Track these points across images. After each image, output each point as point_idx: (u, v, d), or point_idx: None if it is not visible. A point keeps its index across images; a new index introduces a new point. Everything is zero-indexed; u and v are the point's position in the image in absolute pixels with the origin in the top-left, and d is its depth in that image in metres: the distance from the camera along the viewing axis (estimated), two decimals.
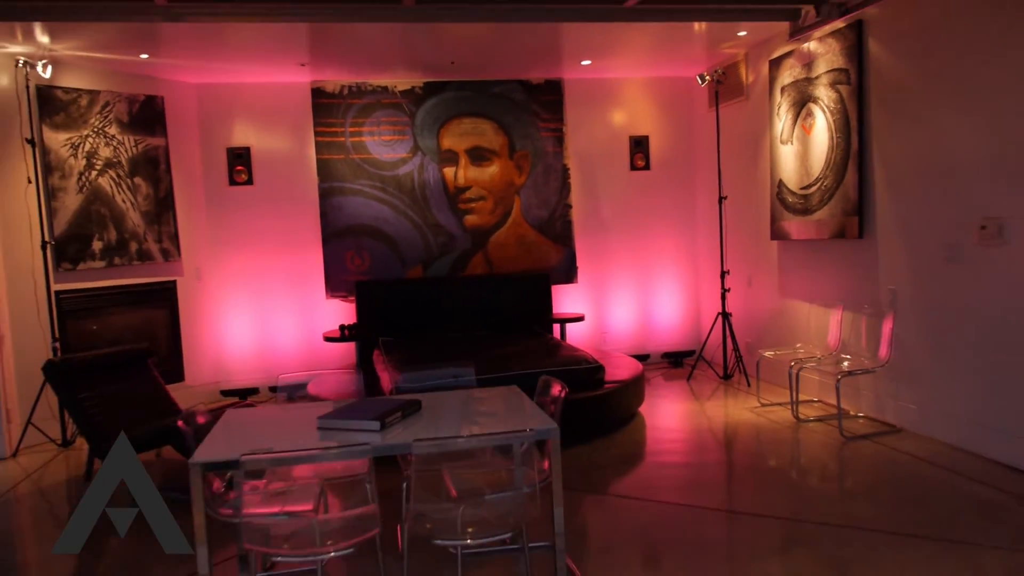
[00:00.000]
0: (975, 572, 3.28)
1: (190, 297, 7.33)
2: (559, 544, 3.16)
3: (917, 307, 5.27)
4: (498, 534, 2.99)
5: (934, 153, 5.05)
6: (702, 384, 7.40)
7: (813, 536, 3.82)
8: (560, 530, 3.16)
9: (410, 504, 3.00)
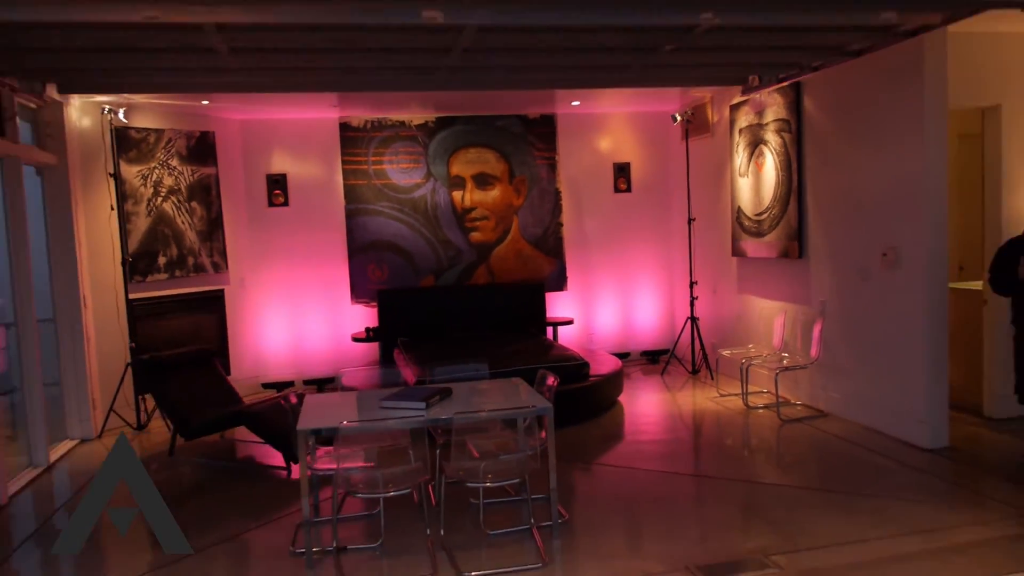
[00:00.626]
0: (869, 514, 4.55)
1: (235, 303, 8.55)
2: (553, 496, 4.41)
3: (840, 315, 6.55)
4: (509, 480, 4.25)
5: (850, 192, 6.32)
6: (674, 377, 8.68)
7: (755, 492, 5.10)
8: (554, 485, 4.41)
9: (451, 459, 4.26)
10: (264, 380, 8.74)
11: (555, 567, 4.08)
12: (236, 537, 4.77)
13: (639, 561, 4.12)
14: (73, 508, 5.39)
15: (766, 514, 4.74)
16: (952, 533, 4.20)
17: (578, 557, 4.19)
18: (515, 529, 4.51)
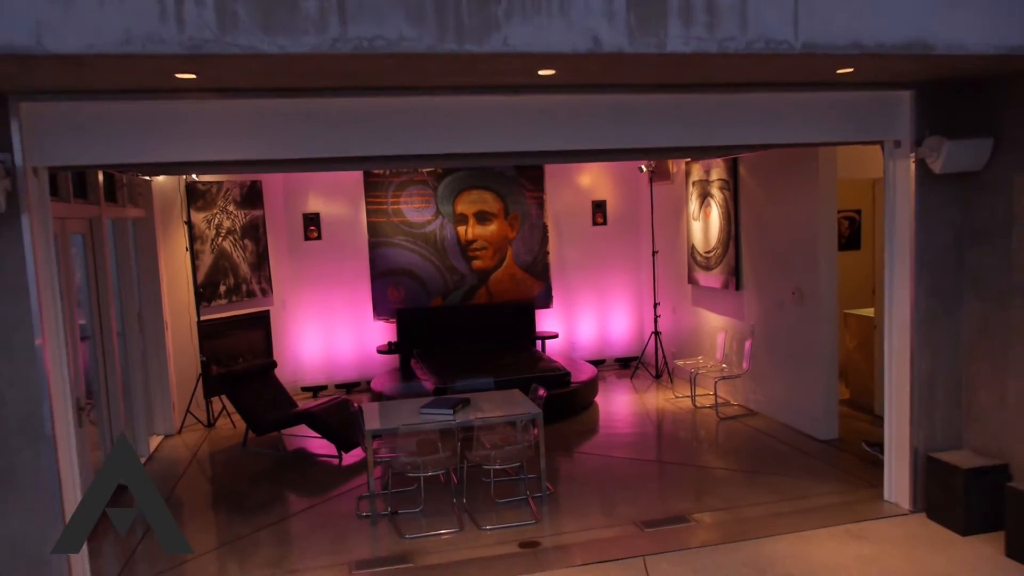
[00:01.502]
0: (766, 486, 6.42)
1: (278, 321, 10.33)
2: (542, 475, 6.26)
3: (765, 335, 8.43)
4: (511, 464, 6.10)
5: (770, 241, 8.19)
6: (641, 381, 10.55)
7: (692, 472, 6.98)
8: (543, 467, 6.26)
9: (471, 450, 6.10)
10: (302, 384, 10.52)
11: (544, 524, 5.93)
12: (311, 508, 6.59)
13: (602, 519, 5.98)
14: (182, 489, 7.20)
15: (697, 487, 6.62)
16: (816, 498, 6.09)
17: (560, 517, 6.05)
18: (516, 498, 6.35)
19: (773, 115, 5.28)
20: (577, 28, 3.71)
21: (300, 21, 3.43)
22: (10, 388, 4.26)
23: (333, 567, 5.34)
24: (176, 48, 3.35)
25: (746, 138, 5.46)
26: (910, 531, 5.44)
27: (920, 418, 5.68)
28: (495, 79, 4.39)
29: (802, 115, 5.34)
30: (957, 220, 5.56)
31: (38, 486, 4.40)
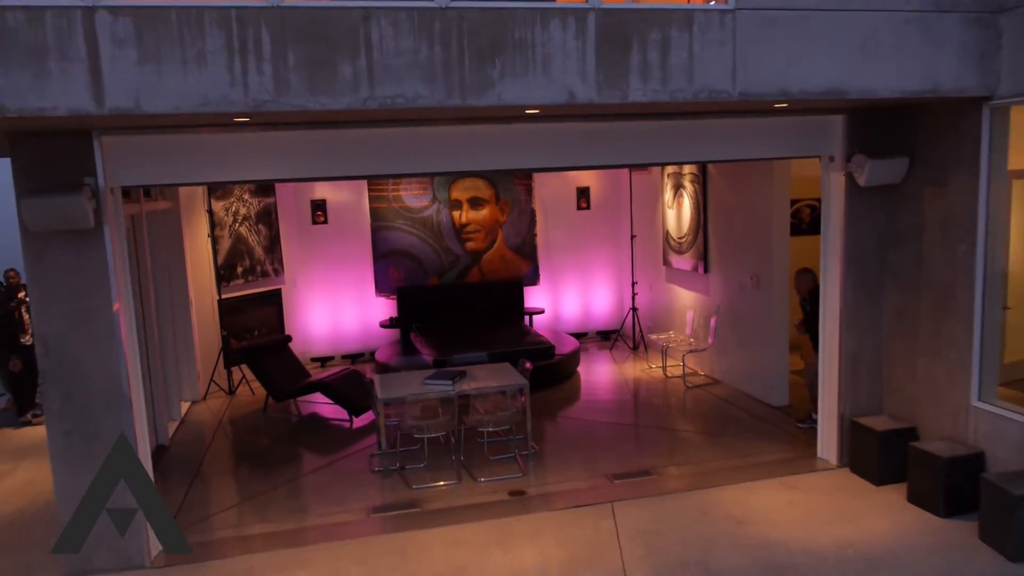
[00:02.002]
0: (722, 446, 7.51)
1: (289, 298, 11.30)
2: (528, 436, 7.33)
3: (728, 313, 9.48)
4: (502, 427, 7.17)
5: (733, 231, 9.21)
6: (620, 353, 11.62)
7: (660, 434, 8.06)
8: (529, 429, 7.33)
9: (469, 415, 7.16)
10: (311, 355, 11.53)
11: (529, 476, 7.01)
12: (329, 464, 7.65)
13: (579, 472, 7.06)
14: (215, 449, 8.24)
15: (662, 446, 7.70)
16: (761, 456, 7.19)
17: (543, 471, 7.13)
18: (506, 456, 7.42)
19: (727, 137, 6.24)
20: (557, 85, 4.67)
21: (338, 85, 4.39)
22: (98, 367, 5.25)
23: (354, 512, 6.41)
24: (242, 107, 4.30)
25: (704, 156, 6.46)
26: (834, 482, 6.56)
27: (847, 389, 6.76)
28: (492, 115, 5.34)
29: (751, 137, 6.31)
30: (880, 225, 6.59)
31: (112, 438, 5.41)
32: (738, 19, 4.94)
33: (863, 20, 5.17)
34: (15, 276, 9.91)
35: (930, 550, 5.36)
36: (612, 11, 4.76)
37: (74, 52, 4.12)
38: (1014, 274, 5.80)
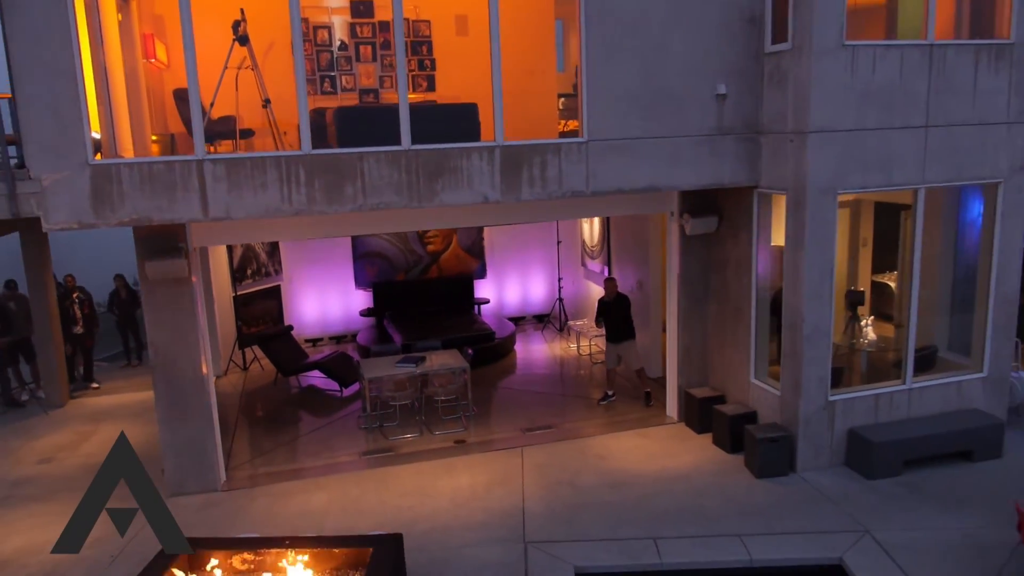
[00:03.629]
0: (607, 408, 10.73)
1: (287, 292, 14.24)
2: (470, 402, 10.48)
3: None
4: (450, 396, 10.32)
5: (627, 246, 12.32)
6: (548, 334, 14.79)
7: (568, 398, 11.25)
8: (470, 397, 10.47)
9: (428, 387, 10.29)
10: (305, 337, 14.52)
11: (469, 431, 10.15)
12: (327, 424, 10.73)
13: (502, 427, 10.22)
14: (243, 411, 11.26)
15: (564, 408, 10.88)
16: (630, 415, 10.40)
17: (478, 427, 10.28)
18: (453, 416, 10.54)
19: (603, 202, 9.25)
20: (476, 193, 7.70)
21: (344, 198, 7.37)
22: (187, 362, 8.24)
23: (349, 454, 9.52)
24: (288, 213, 7.27)
25: (589, 214, 9.53)
26: (672, 432, 9.80)
27: (683, 368, 9.98)
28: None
29: (623, 202, 9.28)
30: (703, 258, 9.75)
31: (200, 412, 8.43)
32: (589, 148, 7.99)
33: (670, 143, 8.25)
34: (71, 280, 12.77)
35: (713, 472, 8.63)
36: (510, 146, 7.77)
37: (191, 185, 7.05)
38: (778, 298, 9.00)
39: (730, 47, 8.29)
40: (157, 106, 10.93)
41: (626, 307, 10.60)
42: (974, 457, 8.52)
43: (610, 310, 10.66)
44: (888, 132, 7.98)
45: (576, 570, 6.85)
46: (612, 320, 10.62)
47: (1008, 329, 8.98)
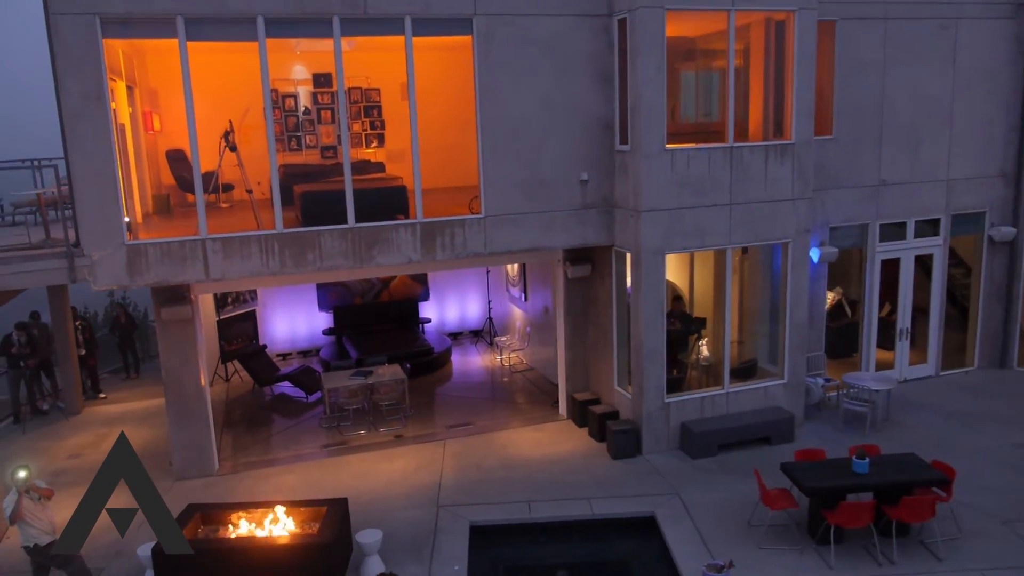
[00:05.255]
0: (521, 413, 13.77)
1: (261, 315, 17.08)
2: (407, 405, 13.46)
3: (537, 326, 15.69)
4: (393, 401, 13.30)
5: (538, 276, 15.37)
6: (481, 348, 17.81)
7: (487, 402, 14.29)
8: (407, 403, 13.46)
9: (375, 394, 13.27)
10: (276, 352, 17.37)
11: (407, 428, 13.13)
12: (294, 425, 13.65)
13: (432, 425, 13.21)
14: (228, 414, 14.12)
15: (482, 408, 13.89)
16: (531, 414, 13.45)
17: (414, 425, 13.26)
18: (395, 416, 13.51)
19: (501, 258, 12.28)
20: (403, 256, 10.69)
21: (307, 263, 10.31)
22: (190, 380, 11.11)
23: (313, 447, 12.45)
24: (267, 275, 10.21)
25: (489, 264, 12.54)
26: (560, 427, 12.87)
27: (570, 377, 13.06)
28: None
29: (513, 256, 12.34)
30: (582, 295, 12.83)
31: (199, 416, 11.30)
32: (487, 221, 11.01)
33: (547, 216, 11.29)
34: (74, 311, 15.51)
35: (582, 455, 11.70)
36: (427, 222, 10.78)
37: (197, 257, 9.95)
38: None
39: (591, 146, 11.38)
40: (153, 165, 13.77)
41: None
42: (772, 442, 11.69)
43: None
44: (701, 209, 11.12)
45: (471, 524, 9.85)
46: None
47: (801, 347, 12.17)
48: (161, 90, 14.23)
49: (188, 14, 9.46)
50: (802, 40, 11.19)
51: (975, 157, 13.92)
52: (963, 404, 13.18)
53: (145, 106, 13.84)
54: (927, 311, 14.34)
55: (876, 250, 13.62)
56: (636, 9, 10.46)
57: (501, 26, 10.68)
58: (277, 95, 15.32)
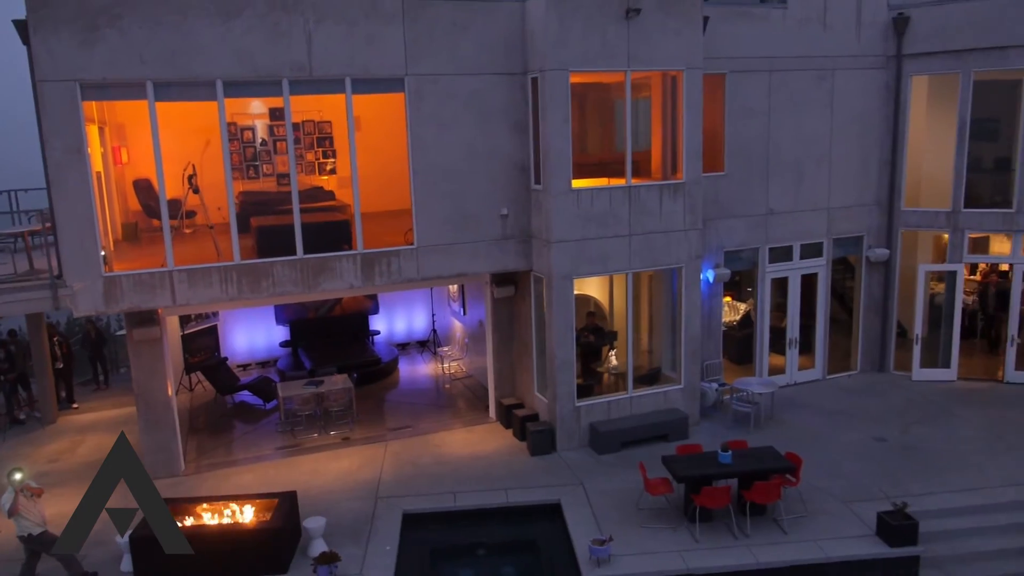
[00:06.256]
0: (458, 416, 15.49)
1: (223, 331, 18.57)
2: (354, 410, 15.12)
3: (473, 339, 17.42)
4: (341, 407, 14.96)
5: (473, 299, 17.11)
6: (426, 357, 19.49)
7: (426, 407, 15.99)
8: (354, 407, 15.12)
9: (325, 401, 14.91)
10: (237, 363, 18.86)
11: (353, 431, 14.78)
12: (252, 430, 15.23)
13: (375, 428, 14.87)
14: (193, 420, 15.64)
15: (422, 412, 15.58)
16: (467, 417, 15.19)
17: (360, 428, 14.92)
18: (343, 421, 15.15)
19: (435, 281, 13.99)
20: (345, 283, 12.37)
21: (262, 290, 11.93)
22: (159, 391, 12.65)
23: (271, 449, 14.04)
24: (226, 300, 11.81)
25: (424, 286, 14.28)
26: (489, 429, 14.62)
27: (498, 384, 14.82)
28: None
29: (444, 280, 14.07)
30: (508, 312, 14.60)
31: (166, 422, 12.84)
32: (419, 251, 12.73)
33: (472, 246, 13.04)
34: (52, 328, 16.92)
35: (505, 453, 13.46)
36: (367, 252, 12.46)
37: (166, 286, 11.51)
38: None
39: (509, 185, 13.16)
40: (121, 194, 15.27)
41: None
42: (669, 439, 13.55)
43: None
44: (604, 240, 12.95)
45: (404, 512, 11.55)
46: None
47: (696, 356, 14.07)
48: (128, 124, 15.70)
49: (156, 79, 11.03)
50: (690, 95, 13.09)
51: (852, 188, 15.98)
52: (840, 404, 15.21)
53: (114, 141, 15.34)
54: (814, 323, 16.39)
55: (767, 270, 15.60)
56: (545, 71, 12.26)
57: (429, 84, 12.41)
58: (236, 127, 16.89)
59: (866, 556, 10.09)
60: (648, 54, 12.71)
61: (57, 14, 10.46)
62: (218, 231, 12.71)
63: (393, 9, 11.96)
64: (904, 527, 10.09)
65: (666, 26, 12.71)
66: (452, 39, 12.39)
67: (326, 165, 17.69)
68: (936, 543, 10.58)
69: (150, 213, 15.22)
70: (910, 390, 15.75)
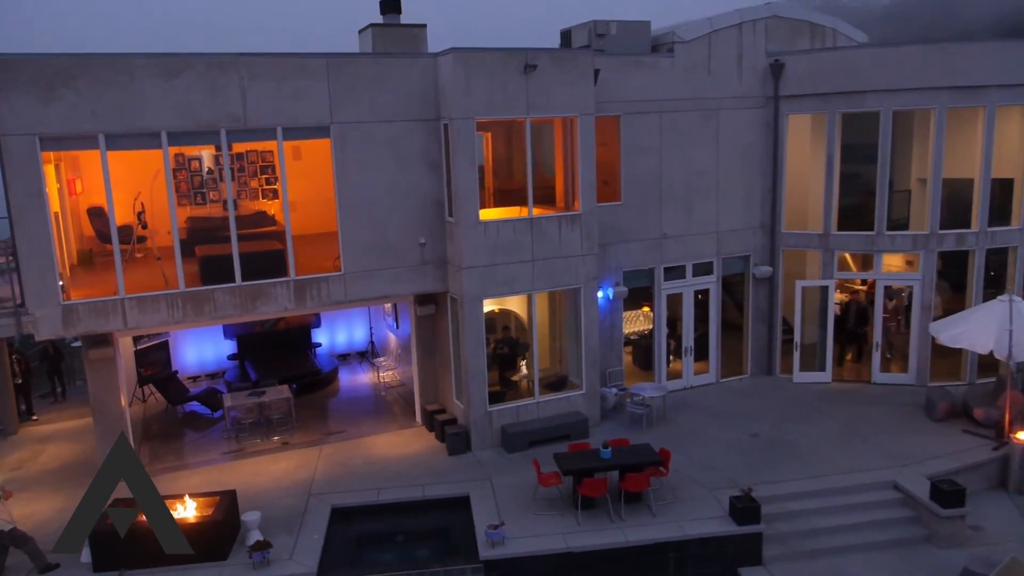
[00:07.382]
0: (390, 421, 17.21)
1: (174, 345, 20.04)
2: (294, 417, 16.77)
3: (406, 347, 19.15)
4: (282, 414, 16.60)
5: (405, 315, 18.85)
6: (364, 368, 21.17)
7: (363, 413, 17.69)
8: (294, 414, 16.77)
9: (267, 410, 16.54)
10: (188, 375, 20.35)
11: (292, 437, 16.42)
12: (202, 436, 16.80)
13: (313, 433, 16.53)
14: (146, 429, 17.15)
15: (356, 418, 17.26)
16: (400, 421, 16.92)
17: (298, 434, 16.57)
18: (283, 428, 16.77)
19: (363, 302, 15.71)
20: (280, 306, 14.03)
21: (204, 314, 13.55)
22: (112, 403, 14.19)
23: (217, 454, 15.63)
24: (172, 323, 13.41)
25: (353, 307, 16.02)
26: (415, 432, 16.37)
27: (423, 391, 16.58)
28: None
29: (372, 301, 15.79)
30: (432, 327, 16.37)
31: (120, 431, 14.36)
32: (346, 277, 14.45)
33: (394, 271, 14.78)
34: (11, 347, 18.30)
35: (427, 453, 15.22)
36: (300, 279, 14.14)
37: (117, 311, 13.08)
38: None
39: (426, 217, 14.94)
40: (76, 221, 16.72)
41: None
42: (571, 438, 15.43)
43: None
44: (509, 265, 14.80)
45: (332, 506, 13.25)
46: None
47: (595, 364, 15.99)
48: (82, 156, 17.14)
49: (108, 132, 12.60)
50: (584, 137, 15.00)
51: (739, 213, 18.06)
52: (727, 405, 17.25)
53: (69, 174, 16.81)
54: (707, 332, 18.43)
55: (662, 288, 17.59)
56: (454, 119, 14.07)
57: (352, 131, 14.14)
58: (184, 157, 18.42)
59: (717, 533, 12.05)
60: (545, 103, 14.58)
61: (18, 77, 11.98)
62: (165, 258, 14.27)
63: (318, 67, 13.67)
64: (749, 509, 12.07)
65: (561, 79, 14.60)
66: (372, 91, 14.14)
67: (268, 193, 19.29)
68: (780, 522, 12.61)
69: (103, 239, 16.70)
70: (790, 391, 17.87)
